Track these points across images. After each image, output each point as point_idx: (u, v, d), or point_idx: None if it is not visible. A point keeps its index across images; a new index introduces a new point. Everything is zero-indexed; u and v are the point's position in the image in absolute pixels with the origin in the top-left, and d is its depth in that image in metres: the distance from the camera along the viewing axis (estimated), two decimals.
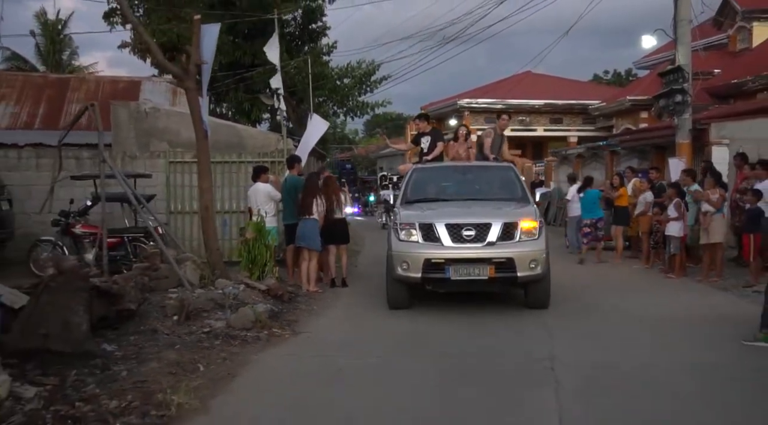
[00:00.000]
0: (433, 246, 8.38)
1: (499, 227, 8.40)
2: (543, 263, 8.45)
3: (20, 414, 4.75)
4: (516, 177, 10.06)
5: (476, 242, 8.34)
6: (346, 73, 25.72)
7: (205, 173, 9.62)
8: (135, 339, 6.91)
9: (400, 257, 8.51)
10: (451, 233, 8.37)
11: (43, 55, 38.15)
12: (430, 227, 8.47)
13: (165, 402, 5.15)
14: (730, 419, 4.95)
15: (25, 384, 5.23)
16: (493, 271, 8.24)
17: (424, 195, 9.72)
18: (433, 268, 8.35)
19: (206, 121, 9.74)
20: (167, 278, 8.74)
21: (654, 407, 5.17)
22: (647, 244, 13.07)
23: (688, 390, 5.60)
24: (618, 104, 28.03)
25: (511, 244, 8.38)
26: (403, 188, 10.06)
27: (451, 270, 8.27)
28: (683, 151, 14.34)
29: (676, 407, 5.19)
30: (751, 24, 26.09)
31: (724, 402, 5.28)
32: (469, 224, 8.40)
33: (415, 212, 9.01)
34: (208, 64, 9.54)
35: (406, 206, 9.37)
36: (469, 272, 8.26)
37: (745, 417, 5.01)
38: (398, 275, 8.56)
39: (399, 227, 8.68)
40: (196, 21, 9.35)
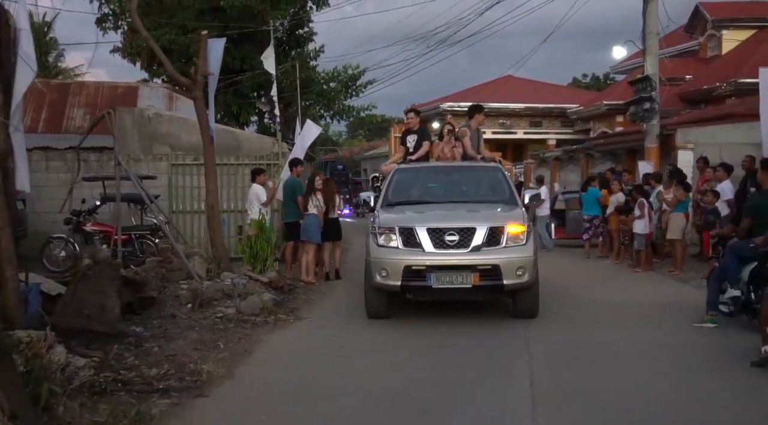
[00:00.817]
0: (414, 252, 7.95)
1: (484, 231, 7.94)
2: (531, 271, 8.02)
3: (78, 378, 5.67)
4: (504, 178, 9.62)
5: (460, 247, 7.91)
6: (333, 78, 26.73)
7: (211, 175, 10.55)
8: (158, 323, 7.85)
9: (378, 263, 8.08)
10: (432, 238, 7.93)
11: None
12: (410, 232, 8.02)
13: (196, 371, 6.10)
14: (672, 381, 5.99)
15: (75, 356, 6.16)
16: (478, 279, 7.82)
17: (406, 197, 9.28)
18: (413, 275, 7.91)
19: (212, 127, 10.66)
20: (180, 271, 9.66)
21: (608, 372, 6.21)
22: (618, 241, 14.18)
23: (640, 360, 6.65)
24: (594, 108, 29.25)
25: (497, 250, 7.95)
26: (384, 190, 9.54)
27: (432, 278, 7.84)
28: (651, 154, 15.50)
29: (629, 374, 6.23)
30: (721, 32, 27.38)
31: (671, 370, 6.32)
32: (452, 228, 7.95)
33: (395, 215, 8.57)
34: (215, 75, 10.48)
35: (387, 209, 8.91)
36: (452, 280, 7.83)
37: (685, 382, 6.03)
38: (376, 282, 8.12)
39: (377, 231, 8.22)
40: (203, 36, 10.30)
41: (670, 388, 5.79)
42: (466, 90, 36.46)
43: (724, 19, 27.29)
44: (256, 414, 5.23)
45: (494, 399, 5.55)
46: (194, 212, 13.44)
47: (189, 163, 13.50)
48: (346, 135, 67.59)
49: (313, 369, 6.48)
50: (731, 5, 28.38)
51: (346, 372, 6.34)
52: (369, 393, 5.68)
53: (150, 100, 17.86)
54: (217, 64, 10.51)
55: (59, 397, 4.88)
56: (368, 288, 8.42)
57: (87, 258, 7.53)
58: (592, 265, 14.09)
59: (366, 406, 5.38)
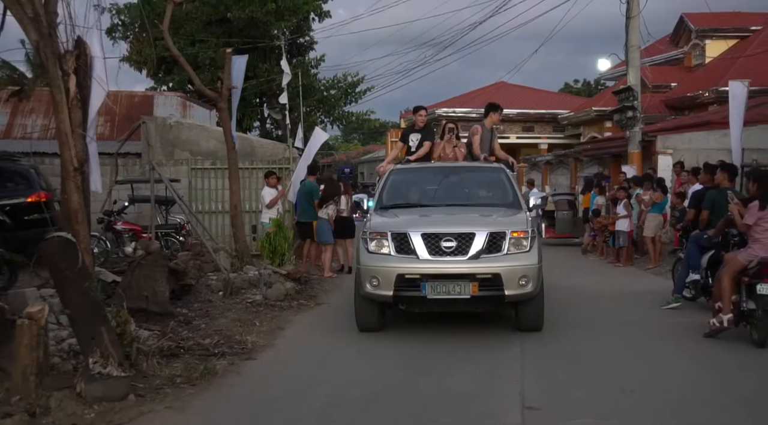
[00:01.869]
0: (407, 259, 7.46)
1: (484, 237, 7.42)
2: (535, 280, 7.46)
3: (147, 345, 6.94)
4: (507, 179, 9.03)
5: (457, 254, 7.41)
6: (333, 85, 28.10)
7: (235, 178, 11.82)
8: (198, 306, 9.13)
9: (368, 271, 7.57)
10: (428, 245, 7.43)
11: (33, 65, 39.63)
12: (403, 237, 7.52)
13: (242, 341, 7.40)
14: (641, 349, 7.31)
15: (140, 330, 7.42)
16: (477, 289, 7.29)
17: (401, 200, 8.83)
18: (406, 285, 7.41)
19: (234, 135, 11.94)
20: (208, 264, 10.93)
21: (588, 343, 7.53)
22: (602, 239, 15.54)
23: (616, 334, 7.97)
24: (584, 114, 30.68)
25: (498, 257, 7.42)
26: (378, 192, 9.01)
27: (427, 288, 7.32)
28: (634, 159, 16.86)
29: (606, 344, 7.54)
30: (704, 42, 28.87)
31: (641, 341, 7.64)
32: (449, 233, 7.46)
33: (387, 219, 8.10)
34: (238, 88, 11.76)
35: (380, 213, 8.43)
36: (449, 290, 7.30)
37: (651, 349, 7.34)
38: (367, 292, 7.61)
39: (368, 236, 7.72)
40: (228, 54, 11.58)
41: (639, 354, 7.10)
42: (461, 96, 37.89)
43: (707, 29, 28.76)
44: (296, 372, 6.52)
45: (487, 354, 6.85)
46: (212, 212, 14.70)
47: (207, 167, 14.77)
48: (342, 139, 68.99)
49: (336, 341, 7.78)
50: (714, 16, 29.77)
51: (362, 344, 7.65)
52: (383, 355, 7.03)
53: (165, 108, 19.11)
54: (240, 78, 11.80)
55: (144, 355, 6.17)
56: (358, 298, 7.87)
57: (141, 250, 8.79)
58: (578, 260, 15.42)
59: (382, 364, 6.71)
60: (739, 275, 7.30)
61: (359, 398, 5.68)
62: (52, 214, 13.49)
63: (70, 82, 7.09)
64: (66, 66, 7.05)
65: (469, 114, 33.29)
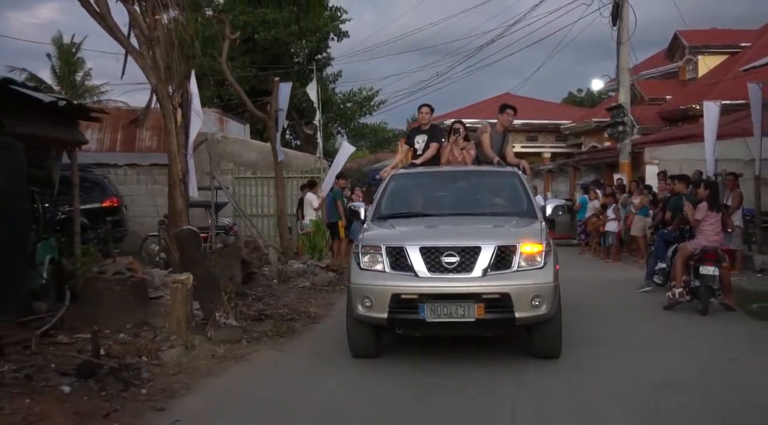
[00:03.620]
0: (404, 277, 6.62)
1: (491, 251, 6.57)
2: (550, 300, 6.60)
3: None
4: (521, 185, 8.20)
5: (460, 271, 6.56)
6: (349, 98, 30.53)
7: (280, 186, 14.22)
8: (261, 289, 11.47)
9: (360, 291, 6.75)
10: (427, 260, 6.59)
11: (58, 76, 42.28)
12: (400, 252, 6.68)
13: (306, 311, 9.75)
14: (618, 319, 9.62)
15: None
16: (483, 311, 6.45)
17: (401, 209, 7.98)
18: (403, 306, 6.59)
19: (280, 150, 14.33)
20: (265, 257, 13.32)
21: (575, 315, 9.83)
22: (595, 239, 17.91)
23: (597, 309, 10.28)
24: (585, 125, 33.06)
25: (508, 274, 6.57)
26: (376, 200, 8.16)
27: (426, 309, 6.48)
28: (624, 168, 19.23)
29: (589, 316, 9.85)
30: (697, 57, 31.18)
31: (618, 314, 9.94)
32: (451, 247, 6.61)
33: (382, 230, 7.33)
34: (284, 110, 14.15)
35: (377, 224, 7.65)
36: (451, 312, 6.48)
37: (625, 319, 9.63)
38: (359, 314, 6.78)
39: (360, 250, 6.89)
40: (276, 82, 13.98)
41: (616, 322, 9.39)
42: (467, 107, 40.27)
43: (700, 45, 31.09)
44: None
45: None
46: (253, 216, 17.08)
47: (249, 176, 17.18)
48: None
49: None
50: (706, 33, 32.27)
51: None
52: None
53: (205, 123, 21.49)
54: (285, 102, 14.20)
55: (244, 317, 8.53)
56: (350, 321, 7.05)
57: (220, 244, 11.16)
58: (574, 258, 17.75)
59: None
60: (689, 260, 9.66)
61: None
62: (120, 216, 15.98)
63: (177, 114, 9.52)
64: (174, 102, 9.48)
65: (475, 125, 35.62)
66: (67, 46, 41.72)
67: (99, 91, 42.36)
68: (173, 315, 7.42)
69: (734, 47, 30.49)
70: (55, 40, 42.79)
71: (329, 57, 30.47)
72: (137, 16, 9.10)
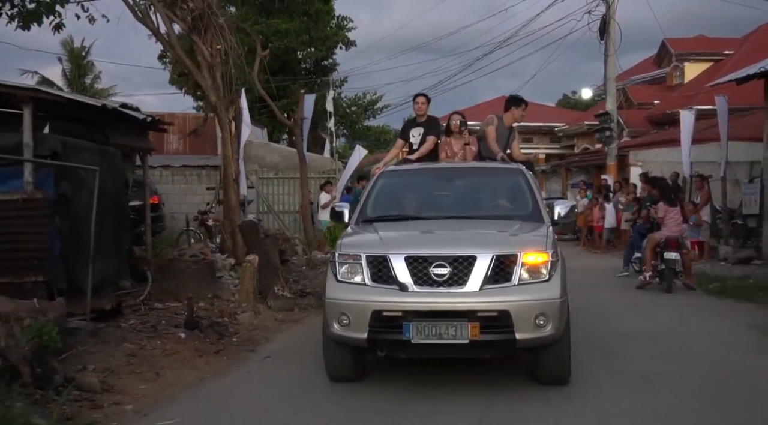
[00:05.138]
0: (387, 291, 5.75)
1: (488, 261, 5.70)
2: (557, 319, 5.73)
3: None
4: (526, 184, 7.34)
5: (452, 285, 5.70)
6: (354, 102, 32.65)
7: (305, 185, 16.29)
8: (294, 274, 13.56)
9: (336, 306, 5.89)
10: (413, 271, 5.73)
11: (68, 79, 44.23)
12: (382, 261, 5.82)
13: None
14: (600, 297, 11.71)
15: None
16: (477, 331, 5.57)
17: (390, 210, 7.13)
18: (385, 325, 5.73)
19: (306, 154, 16.42)
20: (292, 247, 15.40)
21: None
22: (584, 233, 20.09)
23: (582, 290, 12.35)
24: (578, 127, 35.22)
25: (507, 289, 5.72)
26: (362, 201, 7.32)
27: (412, 329, 5.62)
28: (611, 170, 21.38)
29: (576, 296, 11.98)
30: (683, 64, 33.43)
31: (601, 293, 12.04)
32: (442, 256, 5.75)
33: (364, 236, 6.48)
34: (308, 119, 16.23)
35: (359, 228, 6.82)
36: (440, 332, 5.60)
37: (607, 297, 11.75)
38: (334, 333, 5.94)
39: (338, 259, 6.03)
40: (300, 95, 16.06)
41: (598, 300, 11.47)
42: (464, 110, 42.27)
43: (686, 53, 33.36)
44: None
45: None
46: (270, 212, 19.18)
47: (272, 177, 19.27)
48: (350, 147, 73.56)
49: None
50: (692, 41, 34.53)
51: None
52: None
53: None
54: (309, 111, 16.27)
55: (292, 290, 10.62)
56: (326, 340, 6.19)
57: (263, 234, 13.25)
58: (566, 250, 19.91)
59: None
60: (656, 247, 11.80)
61: None
62: (160, 213, 18.05)
63: (231, 126, 11.62)
64: (229, 115, 11.58)
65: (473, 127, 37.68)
66: (77, 50, 43.63)
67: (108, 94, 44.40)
68: (243, 288, 9.51)
69: (718, 55, 32.71)
70: (65, 43, 44.66)
71: (335, 63, 32.54)
72: (200, 46, 11.17)
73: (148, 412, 5.54)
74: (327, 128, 23.52)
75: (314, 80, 32.48)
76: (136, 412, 5.53)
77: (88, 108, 8.84)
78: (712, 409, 5.51)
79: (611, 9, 20.65)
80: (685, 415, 5.36)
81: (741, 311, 10.02)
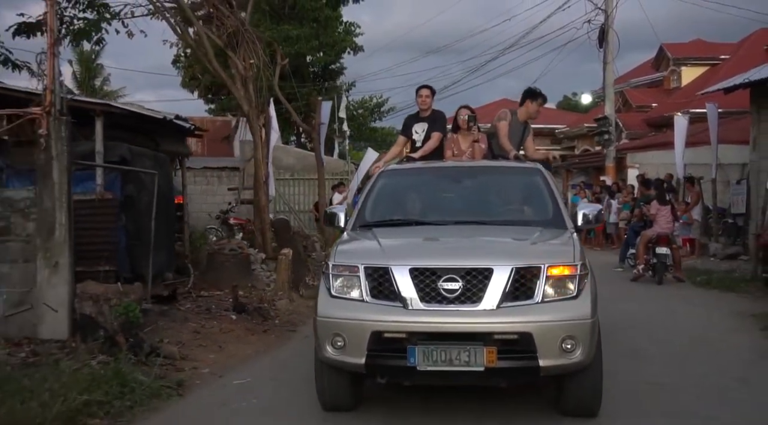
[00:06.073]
0: (389, 309, 4.99)
1: (507, 274, 4.94)
2: (587, 343, 4.96)
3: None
4: (545, 186, 6.50)
5: (465, 302, 4.93)
6: (361, 105, 33.86)
7: (322, 185, 17.46)
8: (316, 268, 14.75)
9: (329, 326, 5.11)
10: (419, 286, 4.96)
11: (78, 81, 45.44)
12: (383, 274, 5.05)
13: None
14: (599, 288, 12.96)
15: None
16: (494, 357, 4.80)
17: (391, 214, 6.36)
18: (387, 348, 4.95)
19: (323, 157, 17.62)
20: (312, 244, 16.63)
21: None
22: (585, 231, 21.33)
23: None
24: (578, 129, 36.46)
25: (529, 307, 4.95)
26: (360, 204, 6.58)
27: (418, 354, 4.84)
28: (609, 171, 22.61)
29: None
30: (680, 68, 34.65)
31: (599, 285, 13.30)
32: (454, 268, 4.99)
33: (362, 243, 5.79)
34: (325, 124, 17.41)
35: (356, 234, 6.04)
36: (451, 357, 4.82)
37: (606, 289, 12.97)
38: (328, 357, 5.15)
39: (331, 271, 5.26)
40: (318, 102, 17.24)
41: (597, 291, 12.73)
42: None
43: (683, 57, 34.58)
44: None
45: None
46: (290, 212, 20.39)
47: (287, 178, 20.47)
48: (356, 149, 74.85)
49: None
50: (689, 46, 35.75)
51: None
52: None
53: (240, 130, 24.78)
54: (326, 116, 17.44)
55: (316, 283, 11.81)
56: (318, 364, 5.43)
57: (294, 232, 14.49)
58: None
59: None
60: (648, 243, 13.02)
61: None
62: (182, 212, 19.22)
63: (262, 132, 12.83)
64: (259, 123, 12.79)
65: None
66: (86, 53, 44.79)
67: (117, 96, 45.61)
68: (279, 278, 10.73)
69: (714, 59, 33.92)
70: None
71: (343, 67, 33.75)
72: (235, 60, 12.38)
73: (222, 374, 6.75)
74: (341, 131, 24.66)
75: (322, 84, 33.73)
76: (212, 374, 6.74)
77: (144, 118, 10.03)
78: (689, 375, 6.71)
79: (610, 19, 21.86)
80: (667, 379, 6.54)
81: (724, 300, 11.25)
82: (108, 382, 5.57)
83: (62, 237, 7.19)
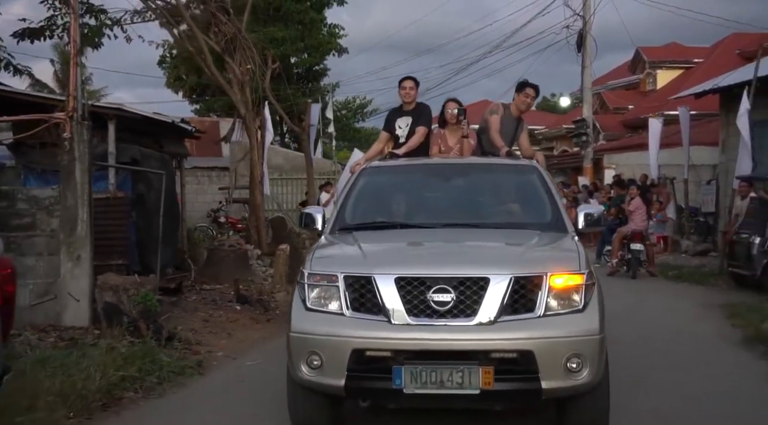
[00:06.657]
0: (372, 324, 4.45)
1: (505, 285, 4.42)
2: (594, 361, 4.45)
3: None
4: (543, 185, 5.95)
5: (458, 316, 4.41)
6: (345, 106, 34.55)
7: (311, 185, 18.12)
8: None
9: (304, 343, 4.57)
10: (407, 297, 4.43)
11: (60, 81, 45.59)
12: (365, 284, 4.51)
13: None
14: None
15: None
16: (491, 378, 4.30)
17: (373, 216, 5.80)
18: (369, 369, 4.43)
19: (313, 157, 18.29)
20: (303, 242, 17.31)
21: None
22: None
23: None
24: (557, 130, 37.41)
25: (530, 322, 4.42)
26: (339, 204, 6.04)
27: (404, 375, 4.33)
28: (587, 172, 23.49)
29: None
30: (656, 71, 35.68)
31: None
32: (444, 278, 4.46)
33: (342, 249, 5.25)
34: (315, 126, 18.09)
35: (335, 238, 5.48)
36: (442, 379, 4.32)
37: None
38: (303, 377, 4.59)
39: (307, 280, 4.70)
40: (308, 104, 17.91)
41: None
42: None
43: (658, 61, 35.61)
44: None
45: None
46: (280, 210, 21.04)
47: (276, 177, 21.08)
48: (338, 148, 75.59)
49: None
50: (665, 49, 36.83)
51: None
52: None
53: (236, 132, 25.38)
54: (316, 118, 18.14)
55: None
56: (291, 384, 4.88)
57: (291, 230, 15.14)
58: None
59: None
60: (623, 239, 13.85)
61: None
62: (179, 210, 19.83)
63: (258, 134, 13.50)
64: (255, 125, 13.46)
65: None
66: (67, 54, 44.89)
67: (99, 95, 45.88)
68: (277, 272, 11.40)
69: (689, 63, 34.96)
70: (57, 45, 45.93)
71: (326, 68, 34.40)
72: (232, 65, 13.03)
73: (236, 357, 7.44)
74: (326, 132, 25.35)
75: (306, 86, 34.35)
76: (226, 356, 7.43)
77: (150, 121, 10.67)
78: (655, 357, 7.53)
79: (588, 25, 22.73)
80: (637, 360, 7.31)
81: (692, 292, 12.11)
82: (140, 359, 6.24)
83: (84, 232, 7.84)
